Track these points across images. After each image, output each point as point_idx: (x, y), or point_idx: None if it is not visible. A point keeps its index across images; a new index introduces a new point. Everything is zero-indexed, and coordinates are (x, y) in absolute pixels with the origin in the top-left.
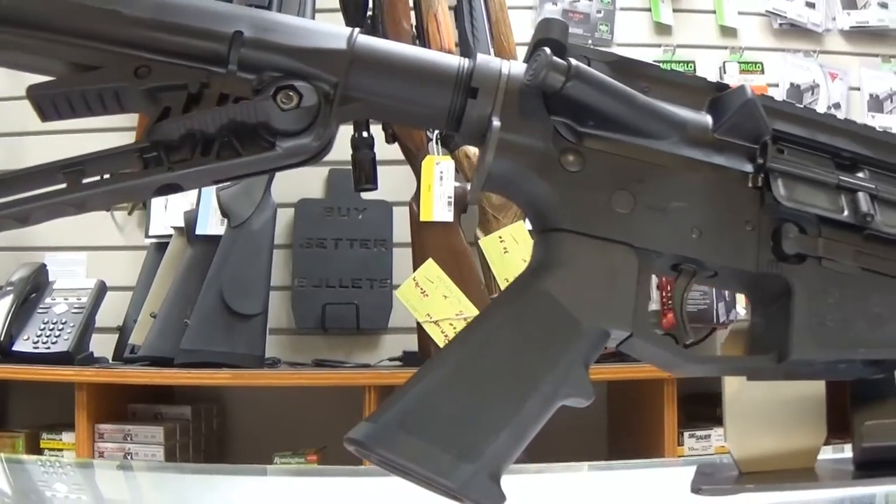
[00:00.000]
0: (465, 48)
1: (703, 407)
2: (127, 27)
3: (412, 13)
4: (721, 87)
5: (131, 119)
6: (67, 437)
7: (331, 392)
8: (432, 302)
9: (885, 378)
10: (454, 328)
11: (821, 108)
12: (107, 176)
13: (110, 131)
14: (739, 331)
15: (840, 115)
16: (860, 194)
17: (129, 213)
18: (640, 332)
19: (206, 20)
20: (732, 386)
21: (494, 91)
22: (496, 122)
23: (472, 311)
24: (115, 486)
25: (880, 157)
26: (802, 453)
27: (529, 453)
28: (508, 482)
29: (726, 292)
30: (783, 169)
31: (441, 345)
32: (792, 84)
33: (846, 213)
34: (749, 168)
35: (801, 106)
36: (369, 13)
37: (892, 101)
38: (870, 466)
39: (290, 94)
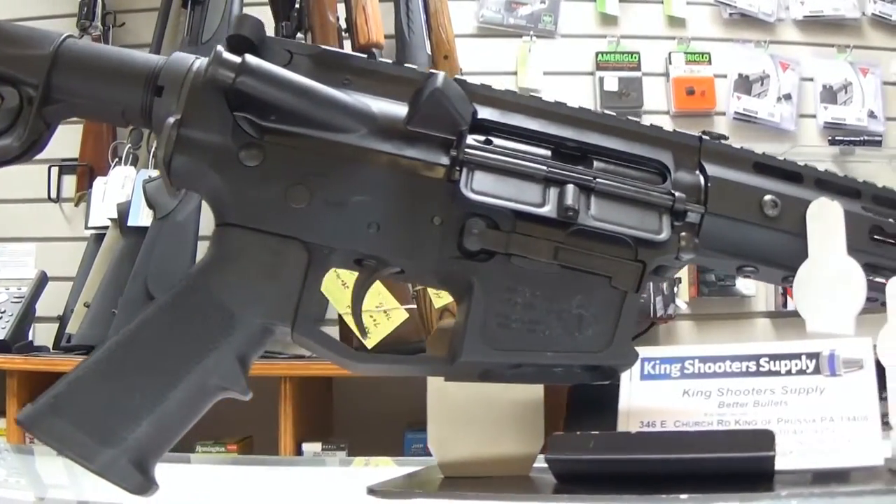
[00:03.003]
0: (401, 40)
1: None
2: None
3: (342, 6)
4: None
5: None
6: (2, 423)
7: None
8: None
9: (608, 385)
10: (374, 320)
11: (771, 98)
12: None
13: None
14: (445, 329)
15: (791, 106)
16: (569, 187)
17: (76, 205)
18: (300, 329)
19: None
20: (435, 385)
21: (178, 88)
22: (169, 119)
23: (392, 303)
24: (48, 469)
25: (616, 146)
26: (515, 460)
27: None
28: None
29: (664, 286)
30: (479, 161)
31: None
32: (740, 74)
33: (548, 207)
34: (445, 160)
35: (525, 94)
36: (297, 6)
37: (846, 92)
38: (570, 480)
39: None
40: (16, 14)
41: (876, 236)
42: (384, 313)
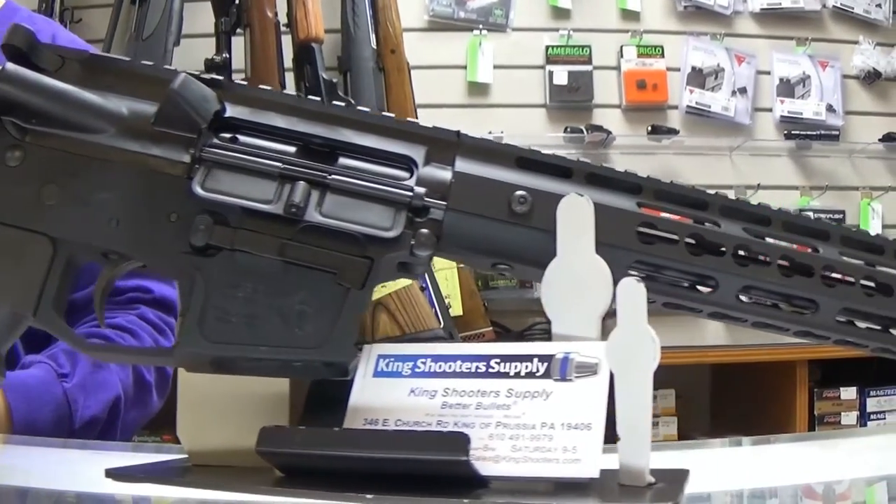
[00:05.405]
0: (346, 34)
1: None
2: None
3: (282, 0)
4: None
5: None
6: None
7: None
8: None
9: (346, 382)
10: None
11: (725, 92)
12: None
13: None
14: None
15: (746, 100)
16: (300, 184)
17: None
18: (41, 317)
19: None
20: (185, 375)
21: None
22: None
23: None
24: None
25: (365, 142)
26: None
27: None
28: None
29: None
30: (216, 159)
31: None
32: (694, 68)
33: (276, 203)
34: (186, 158)
35: (281, 92)
36: (236, 2)
37: (804, 86)
38: (292, 473)
39: None
40: None
41: (645, 231)
42: None
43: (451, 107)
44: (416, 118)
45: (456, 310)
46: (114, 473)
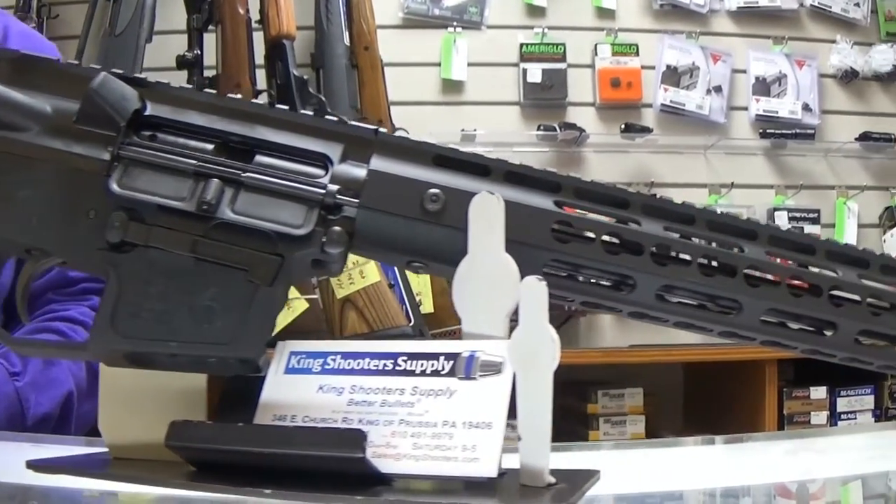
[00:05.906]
0: (319, 31)
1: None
2: None
3: None
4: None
5: None
6: None
7: None
8: None
9: (260, 378)
10: None
11: (700, 90)
12: None
13: None
14: None
15: (722, 98)
16: (213, 181)
17: None
18: None
19: None
20: (106, 370)
21: None
22: None
23: (293, 293)
24: None
25: (281, 140)
26: None
27: None
28: None
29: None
30: (133, 156)
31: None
32: (668, 66)
33: (188, 201)
34: (106, 156)
35: (204, 91)
36: None
37: (780, 84)
38: (203, 467)
39: None
40: None
41: (561, 229)
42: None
43: (425, 104)
44: (390, 115)
45: (427, 307)
46: (34, 465)
